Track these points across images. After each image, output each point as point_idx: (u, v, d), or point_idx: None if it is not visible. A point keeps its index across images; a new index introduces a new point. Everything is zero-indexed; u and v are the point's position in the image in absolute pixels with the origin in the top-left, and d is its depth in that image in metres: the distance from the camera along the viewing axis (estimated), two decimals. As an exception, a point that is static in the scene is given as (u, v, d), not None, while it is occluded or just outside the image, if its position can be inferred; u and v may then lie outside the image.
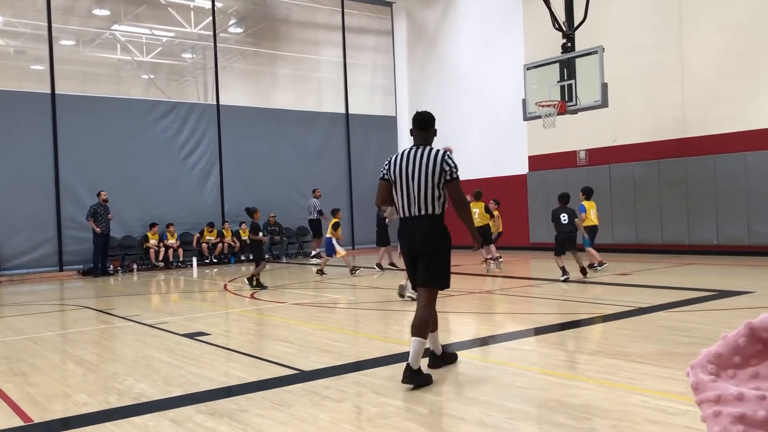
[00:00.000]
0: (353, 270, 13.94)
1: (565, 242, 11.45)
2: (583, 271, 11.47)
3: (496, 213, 14.50)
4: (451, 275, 5.25)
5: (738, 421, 0.77)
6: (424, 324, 4.92)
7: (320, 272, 14.15)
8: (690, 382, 0.85)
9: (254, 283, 11.99)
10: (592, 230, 12.57)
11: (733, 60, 14.30)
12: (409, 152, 5.09)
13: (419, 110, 5.34)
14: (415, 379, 4.79)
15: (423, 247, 4.96)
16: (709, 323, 6.99)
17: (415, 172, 4.95)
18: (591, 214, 12.56)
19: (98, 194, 16.44)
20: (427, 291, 5.01)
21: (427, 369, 5.14)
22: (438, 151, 5.04)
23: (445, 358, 5.50)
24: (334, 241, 13.86)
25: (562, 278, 11.08)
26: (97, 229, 16.13)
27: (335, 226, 13.98)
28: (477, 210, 13.24)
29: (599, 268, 12.28)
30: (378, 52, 23.27)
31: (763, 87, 13.88)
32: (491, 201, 14.54)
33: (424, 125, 5.17)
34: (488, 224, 13.66)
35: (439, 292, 5.18)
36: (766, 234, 13.94)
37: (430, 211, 4.95)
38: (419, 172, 4.93)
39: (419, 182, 4.93)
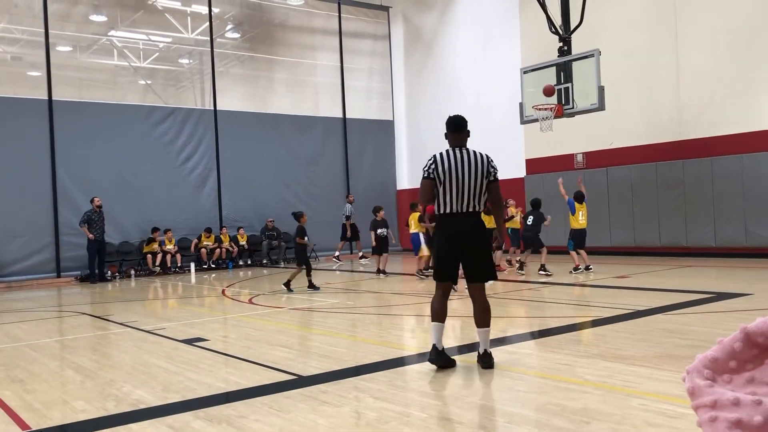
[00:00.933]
0: (424, 270, 13.12)
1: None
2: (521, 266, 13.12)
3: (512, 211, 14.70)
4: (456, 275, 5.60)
5: (734, 426, 0.77)
6: (488, 311, 5.49)
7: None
8: (686, 387, 0.85)
9: (290, 287, 11.93)
10: (579, 233, 12.76)
11: (728, 62, 14.34)
12: (455, 152, 5.44)
13: (451, 115, 5.76)
14: (490, 360, 5.39)
15: (475, 242, 5.39)
16: (707, 326, 6.99)
17: (467, 171, 5.34)
18: (578, 217, 12.73)
19: (92, 200, 16.39)
20: (481, 284, 5.50)
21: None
22: (483, 153, 5.53)
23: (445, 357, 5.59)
24: (421, 237, 13.15)
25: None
26: (90, 236, 16.08)
27: (421, 220, 13.19)
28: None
29: (575, 272, 12.51)
30: (375, 56, 23.30)
31: (759, 89, 13.92)
32: (508, 200, 14.54)
33: (459, 127, 5.58)
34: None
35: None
36: (763, 236, 13.96)
37: (479, 208, 5.43)
38: (472, 171, 5.34)
39: (472, 181, 5.33)
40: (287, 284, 11.97)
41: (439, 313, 5.49)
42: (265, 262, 19.43)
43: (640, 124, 16.00)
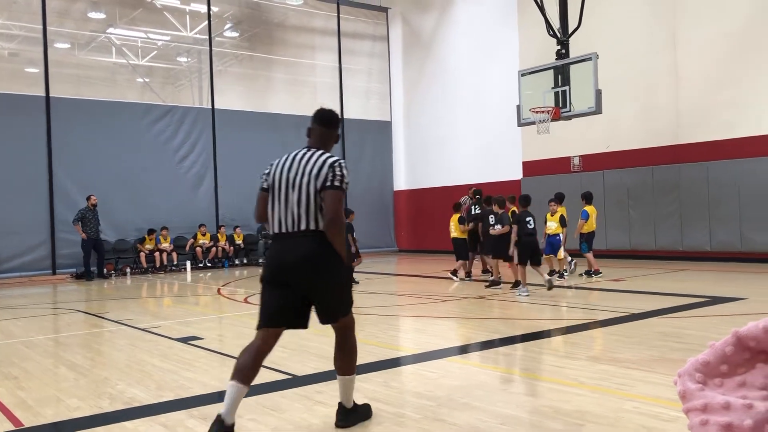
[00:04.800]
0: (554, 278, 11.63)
1: (532, 249, 10.50)
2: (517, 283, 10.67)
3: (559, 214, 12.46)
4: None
5: (725, 429, 0.78)
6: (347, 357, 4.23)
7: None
8: (677, 391, 0.86)
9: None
10: (590, 236, 12.64)
11: (726, 67, 14.37)
12: (299, 154, 4.14)
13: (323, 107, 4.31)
14: (350, 419, 4.14)
15: (308, 273, 3.95)
16: (702, 329, 7.01)
17: (299, 177, 3.99)
18: (593, 220, 12.66)
19: (88, 198, 16.35)
20: (338, 327, 4.25)
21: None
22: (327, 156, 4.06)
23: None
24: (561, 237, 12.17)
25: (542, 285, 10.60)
26: (83, 235, 16.02)
27: (562, 221, 12.20)
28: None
29: (595, 276, 12.34)
30: (373, 57, 23.30)
31: (756, 94, 13.95)
32: (551, 202, 12.51)
33: (323, 121, 4.20)
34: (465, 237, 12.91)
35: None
36: (759, 240, 13.99)
37: (315, 226, 3.93)
38: (302, 177, 3.98)
39: (303, 189, 3.95)
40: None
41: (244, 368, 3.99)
42: (261, 261, 19.40)
43: (637, 128, 16.03)
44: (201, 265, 18.40)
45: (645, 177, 15.87)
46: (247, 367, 3.96)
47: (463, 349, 6.57)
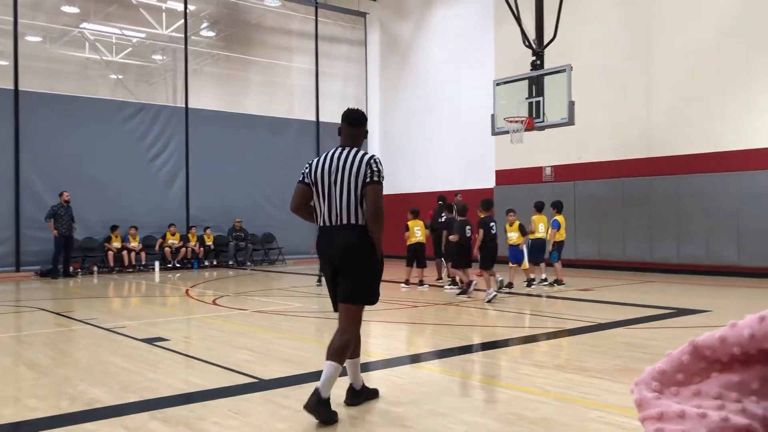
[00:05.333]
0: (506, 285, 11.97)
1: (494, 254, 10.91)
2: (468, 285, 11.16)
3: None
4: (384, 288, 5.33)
5: (679, 438, 0.78)
6: (345, 348, 4.39)
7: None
8: (634, 399, 0.86)
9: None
10: (561, 245, 12.73)
11: (697, 82, 14.64)
12: (338, 153, 4.61)
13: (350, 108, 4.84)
14: (321, 411, 4.18)
15: (349, 260, 4.44)
16: (667, 340, 7.10)
17: (344, 174, 4.43)
18: (563, 229, 12.78)
19: (60, 194, 16.08)
20: (347, 308, 4.50)
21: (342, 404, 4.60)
22: (366, 153, 4.57)
23: (366, 393, 4.77)
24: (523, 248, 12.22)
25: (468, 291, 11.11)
26: (54, 232, 15.75)
27: (522, 230, 12.18)
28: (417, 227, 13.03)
29: (557, 285, 12.43)
30: (350, 61, 23.30)
31: (726, 109, 14.23)
32: (509, 212, 12.74)
33: (354, 122, 4.71)
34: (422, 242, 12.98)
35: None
36: (724, 254, 14.25)
37: (356, 220, 4.39)
38: (348, 173, 4.43)
39: (348, 185, 4.39)
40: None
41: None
42: (231, 263, 19.25)
43: (610, 140, 16.25)
44: (170, 265, 18.19)
45: (616, 188, 16.08)
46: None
47: (431, 356, 6.57)
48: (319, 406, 4.16)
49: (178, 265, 18.28)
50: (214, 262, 19.23)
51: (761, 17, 13.71)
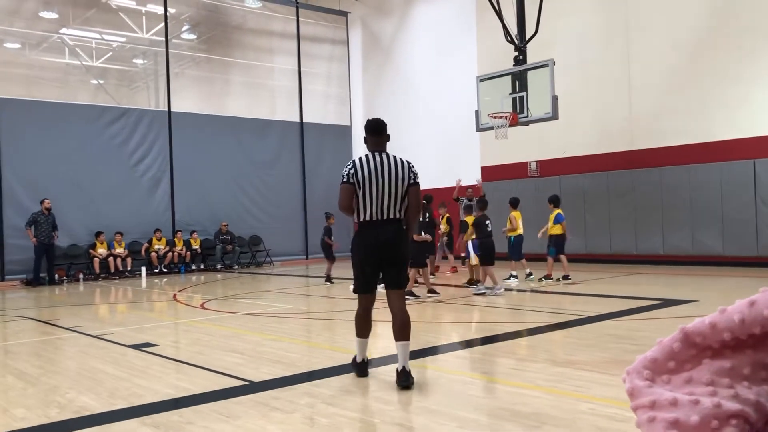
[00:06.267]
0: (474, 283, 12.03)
1: (490, 250, 11.12)
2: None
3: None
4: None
5: (672, 426, 0.78)
6: (408, 324, 5.17)
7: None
8: (626, 388, 0.85)
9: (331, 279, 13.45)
10: (560, 239, 12.46)
11: (677, 75, 14.75)
12: (374, 157, 5.24)
13: (371, 118, 5.56)
14: (412, 380, 5.00)
15: (397, 249, 5.17)
16: (655, 331, 7.14)
17: (391, 175, 5.15)
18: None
19: (41, 202, 15.90)
20: (400, 292, 5.29)
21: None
22: (403, 158, 5.36)
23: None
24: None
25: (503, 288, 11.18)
26: (33, 240, 15.58)
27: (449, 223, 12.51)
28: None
29: (545, 280, 12.43)
30: (333, 61, 23.26)
31: (706, 102, 14.34)
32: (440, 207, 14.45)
33: (378, 130, 5.38)
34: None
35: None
36: (709, 244, 14.37)
37: (399, 215, 5.18)
38: (396, 175, 5.15)
39: (396, 185, 5.13)
40: (328, 278, 13.77)
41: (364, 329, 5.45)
42: (218, 266, 19.16)
43: (593, 134, 16.33)
44: (156, 270, 18.07)
45: (600, 182, 16.17)
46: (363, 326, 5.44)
47: (422, 353, 6.57)
48: (410, 377, 4.98)
49: (164, 270, 18.16)
50: (202, 266, 19.13)
51: (738, 11, 13.83)
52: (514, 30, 14.74)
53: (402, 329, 5.11)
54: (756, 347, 0.80)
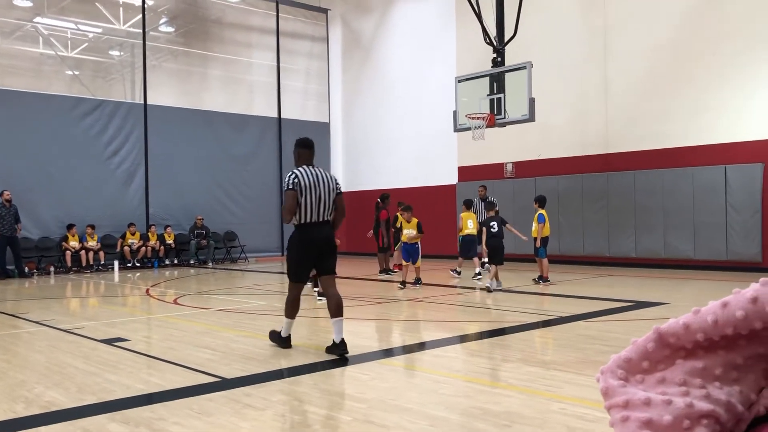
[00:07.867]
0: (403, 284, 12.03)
1: (496, 249, 11.76)
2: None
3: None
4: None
5: (644, 425, 0.78)
6: (341, 304, 6.26)
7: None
8: (600, 388, 0.86)
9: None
10: (546, 240, 12.52)
11: (653, 80, 14.93)
12: (311, 169, 6.37)
13: (301, 137, 6.70)
14: (346, 350, 6.07)
15: (331, 244, 6.35)
16: (627, 332, 7.23)
17: (324, 185, 6.28)
18: (547, 224, 12.71)
19: (1, 194, 15.57)
20: (333, 277, 6.39)
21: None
22: (327, 172, 6.61)
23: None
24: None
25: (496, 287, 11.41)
26: None
27: (419, 229, 12.17)
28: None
29: (543, 282, 12.40)
30: (312, 58, 23.17)
31: (680, 107, 14.54)
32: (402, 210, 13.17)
33: (311, 146, 6.59)
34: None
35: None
36: (680, 248, 14.58)
37: (329, 218, 6.38)
38: (327, 185, 6.30)
39: (328, 193, 6.28)
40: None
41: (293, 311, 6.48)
42: (192, 262, 18.99)
43: (569, 137, 16.48)
44: (129, 264, 17.86)
45: (575, 184, 16.32)
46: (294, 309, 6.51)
47: (396, 351, 6.58)
48: (345, 348, 6.06)
49: (138, 265, 17.97)
50: (175, 261, 18.96)
51: (715, 17, 14.03)
52: (493, 32, 14.81)
53: (337, 308, 6.16)
54: (728, 348, 0.80)
